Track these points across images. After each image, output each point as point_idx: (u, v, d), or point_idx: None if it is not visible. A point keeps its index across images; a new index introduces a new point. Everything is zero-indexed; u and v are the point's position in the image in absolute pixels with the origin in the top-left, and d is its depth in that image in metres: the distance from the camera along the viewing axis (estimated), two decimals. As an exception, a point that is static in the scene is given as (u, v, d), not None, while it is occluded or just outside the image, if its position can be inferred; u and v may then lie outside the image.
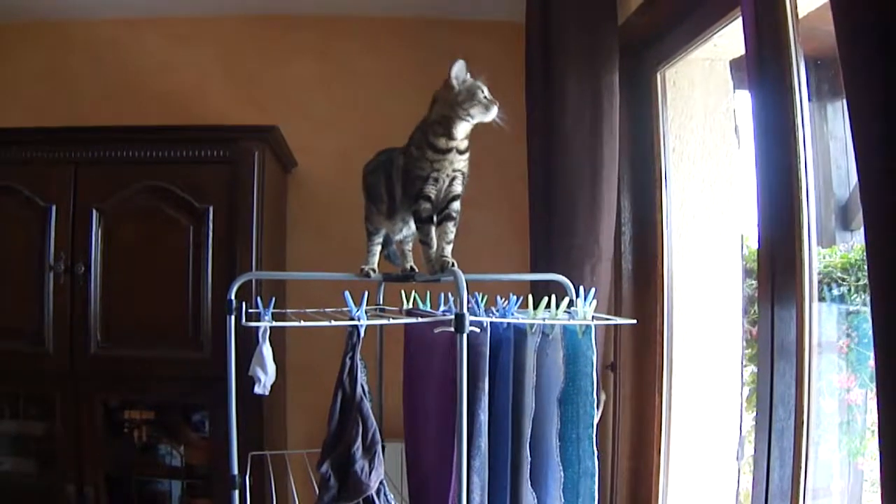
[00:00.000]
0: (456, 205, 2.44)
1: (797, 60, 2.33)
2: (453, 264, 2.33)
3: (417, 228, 2.45)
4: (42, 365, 3.64)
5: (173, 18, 4.47)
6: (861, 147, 1.41)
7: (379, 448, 2.32)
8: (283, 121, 3.95)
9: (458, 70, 2.37)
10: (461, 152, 2.42)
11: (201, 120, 4.23)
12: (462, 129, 2.40)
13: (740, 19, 2.54)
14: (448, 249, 2.40)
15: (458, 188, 2.44)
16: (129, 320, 3.66)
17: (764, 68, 2.41)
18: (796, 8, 2.35)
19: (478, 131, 2.43)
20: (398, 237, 2.66)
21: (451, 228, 2.43)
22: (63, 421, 3.67)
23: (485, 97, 2.37)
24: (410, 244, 2.68)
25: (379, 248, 2.70)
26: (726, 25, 2.81)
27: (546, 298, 2.37)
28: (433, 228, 2.42)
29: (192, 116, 4.29)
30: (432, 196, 2.41)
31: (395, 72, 4.46)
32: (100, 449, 3.72)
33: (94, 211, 3.65)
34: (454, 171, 2.42)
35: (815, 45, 2.40)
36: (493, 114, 2.37)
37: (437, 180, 2.41)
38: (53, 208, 3.65)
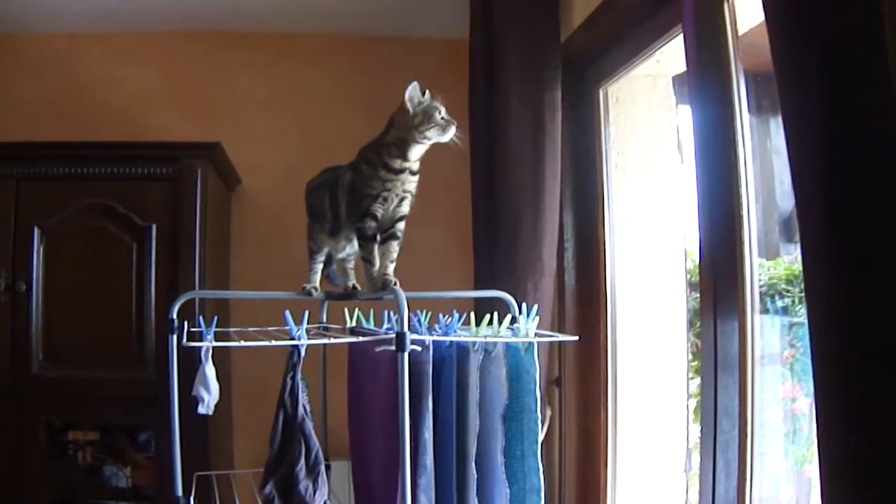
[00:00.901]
0: (401, 225, 2.44)
1: (737, 76, 2.36)
2: (395, 283, 2.32)
3: (360, 247, 2.44)
4: (-18, 386, 3.58)
5: (118, 34, 4.44)
6: (796, 160, 1.42)
7: (322, 468, 2.32)
8: (229, 137, 3.94)
9: (412, 92, 2.36)
10: (413, 173, 2.42)
11: (146, 136, 4.19)
12: (417, 151, 2.40)
13: (682, 36, 2.55)
14: (391, 268, 2.40)
15: (405, 209, 2.44)
16: (71, 339, 3.62)
17: (704, 84, 2.43)
18: (736, 25, 2.37)
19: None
20: (340, 255, 2.65)
21: (395, 248, 2.42)
22: (4, 443, 3.61)
23: (442, 118, 2.35)
24: (353, 262, 2.67)
25: (321, 266, 2.68)
26: (669, 42, 2.82)
27: (488, 316, 2.37)
28: (376, 247, 2.41)
29: (136, 132, 4.25)
30: (379, 215, 2.40)
31: (340, 88, 4.47)
32: (43, 471, 3.67)
33: (36, 228, 3.60)
34: (404, 191, 2.41)
35: (756, 60, 2.42)
36: (450, 134, 2.37)
37: (385, 200, 2.40)
38: (-6, 226, 3.60)
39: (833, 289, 1.34)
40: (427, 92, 2.39)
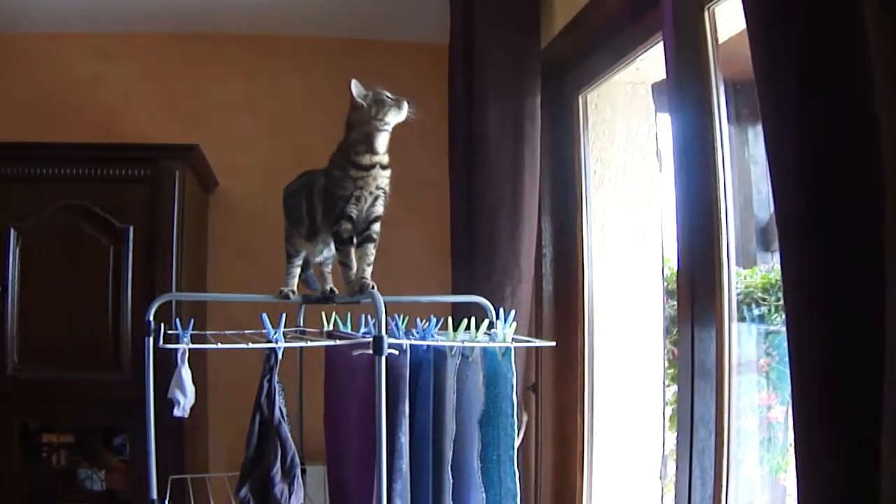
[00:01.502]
0: (377, 226, 2.44)
1: (717, 84, 2.36)
2: (373, 286, 2.32)
3: (337, 250, 2.43)
4: (-44, 387, 3.55)
5: (98, 34, 4.41)
6: (776, 169, 1.43)
7: (298, 471, 2.31)
8: (207, 140, 3.93)
9: (357, 89, 2.40)
10: (384, 167, 2.42)
11: (125, 137, 4.16)
12: (383, 141, 2.42)
13: (662, 43, 2.56)
14: (368, 271, 2.40)
15: (379, 209, 2.44)
16: (47, 341, 3.60)
17: (684, 92, 2.43)
18: (716, 33, 2.38)
19: (399, 151, 2.43)
20: (318, 259, 2.65)
21: (372, 250, 2.43)
22: (-23, 445, 3.59)
23: (391, 98, 2.40)
24: (330, 266, 2.67)
25: (299, 269, 2.67)
26: (649, 49, 2.83)
27: (465, 320, 2.37)
28: (353, 250, 2.41)
29: (115, 133, 4.23)
30: (354, 216, 2.40)
31: (320, 92, 4.43)
32: (17, 474, 3.64)
33: (13, 229, 3.58)
34: (377, 188, 2.42)
35: (736, 69, 2.43)
36: (405, 110, 2.41)
37: (359, 199, 2.40)
38: (-31, 226, 3.57)
39: (812, 294, 1.35)
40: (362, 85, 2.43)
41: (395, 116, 2.39)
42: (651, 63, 2.99)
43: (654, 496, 3.21)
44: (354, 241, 2.42)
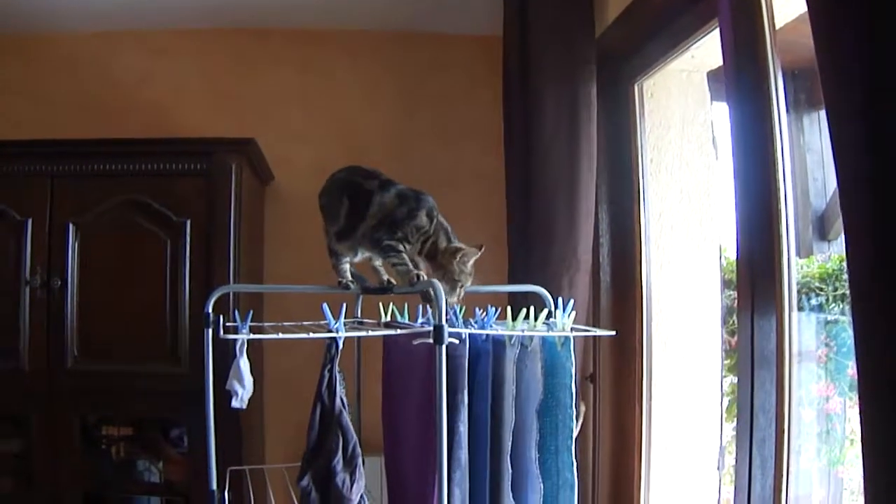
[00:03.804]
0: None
1: (775, 71, 2.33)
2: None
3: (389, 256, 2.45)
4: (18, 380, 3.59)
5: (150, 31, 4.44)
6: (840, 152, 1.41)
7: (359, 461, 2.32)
8: (261, 133, 3.94)
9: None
10: None
11: (179, 132, 4.20)
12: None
13: (718, 31, 2.54)
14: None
15: None
16: (106, 335, 3.63)
17: (741, 80, 2.41)
18: (773, 19, 2.35)
19: (454, 143, 2.43)
20: (357, 259, 2.65)
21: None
22: (39, 437, 3.63)
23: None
24: (379, 260, 2.67)
25: (347, 264, 2.68)
26: (704, 37, 2.81)
27: (525, 310, 2.37)
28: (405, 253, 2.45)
29: (169, 129, 4.26)
30: (410, 244, 2.45)
31: (373, 85, 4.45)
32: (77, 466, 3.68)
33: (71, 225, 3.61)
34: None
35: (791, 56, 2.41)
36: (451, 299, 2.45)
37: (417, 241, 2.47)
38: (30, 222, 3.60)
39: (879, 286, 1.33)
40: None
41: (448, 296, 2.39)
42: (706, 51, 2.97)
43: (712, 486, 3.19)
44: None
